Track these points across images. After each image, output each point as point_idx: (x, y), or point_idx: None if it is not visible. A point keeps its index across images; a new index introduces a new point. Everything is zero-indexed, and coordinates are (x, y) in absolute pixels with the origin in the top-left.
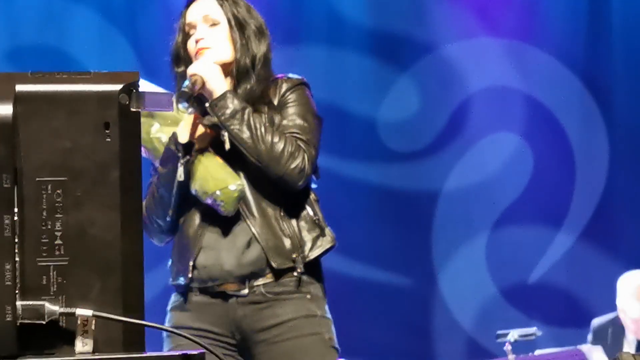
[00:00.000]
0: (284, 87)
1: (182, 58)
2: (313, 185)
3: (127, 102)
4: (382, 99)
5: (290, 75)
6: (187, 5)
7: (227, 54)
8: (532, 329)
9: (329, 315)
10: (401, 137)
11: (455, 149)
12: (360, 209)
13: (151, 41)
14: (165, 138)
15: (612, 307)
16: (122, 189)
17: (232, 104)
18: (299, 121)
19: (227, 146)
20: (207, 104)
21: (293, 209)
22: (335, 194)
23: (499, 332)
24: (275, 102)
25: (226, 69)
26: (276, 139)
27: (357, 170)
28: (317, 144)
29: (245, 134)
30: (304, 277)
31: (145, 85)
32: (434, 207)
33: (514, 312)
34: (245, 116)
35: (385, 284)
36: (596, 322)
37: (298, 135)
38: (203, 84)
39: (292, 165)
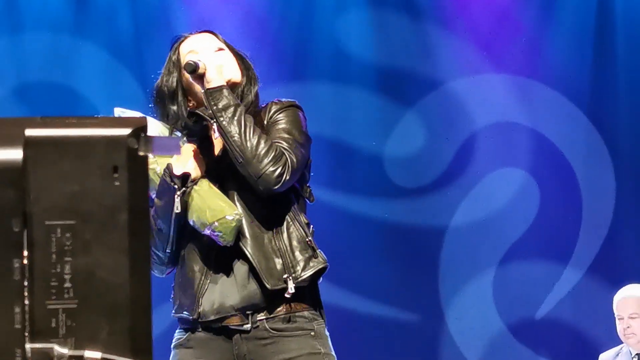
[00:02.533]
0: (274, 108)
1: (178, 95)
2: (301, 197)
3: (136, 146)
4: (388, 135)
5: (282, 99)
6: (180, 41)
7: (238, 74)
8: None
9: (332, 352)
10: (407, 173)
11: (461, 185)
12: (366, 244)
13: (157, 77)
14: (160, 169)
15: (619, 341)
16: (131, 232)
17: (227, 98)
18: (285, 135)
19: (215, 136)
20: (202, 91)
21: (285, 231)
22: (341, 229)
23: None
24: (265, 123)
25: (233, 87)
26: (262, 141)
27: (363, 205)
28: (301, 158)
29: (234, 129)
30: (307, 313)
31: (151, 122)
32: (441, 242)
33: (522, 348)
34: (237, 112)
35: (392, 320)
36: (603, 357)
37: (283, 145)
38: (204, 71)
39: (272, 169)
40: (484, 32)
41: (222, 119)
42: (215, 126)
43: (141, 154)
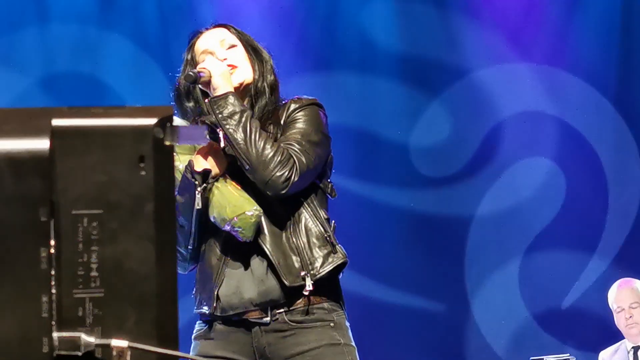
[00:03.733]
0: (292, 106)
1: (193, 92)
2: (323, 193)
3: (162, 136)
4: (414, 125)
5: (303, 96)
6: (196, 37)
7: (250, 74)
8: (566, 355)
9: (352, 342)
10: (433, 163)
11: (487, 174)
12: (392, 234)
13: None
14: (182, 166)
15: None
16: (157, 222)
17: (232, 105)
18: (298, 135)
19: (222, 144)
20: (206, 100)
21: (303, 227)
22: (368, 219)
23: (533, 358)
24: (282, 121)
25: (246, 88)
26: (268, 146)
27: (389, 195)
28: (313, 158)
29: (239, 136)
30: (326, 305)
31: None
32: (467, 232)
33: (548, 337)
34: (243, 119)
35: (418, 309)
36: (603, 354)
37: (292, 147)
38: (210, 78)
39: (278, 173)
40: (510, 21)
41: (227, 126)
42: (221, 134)
43: (167, 143)
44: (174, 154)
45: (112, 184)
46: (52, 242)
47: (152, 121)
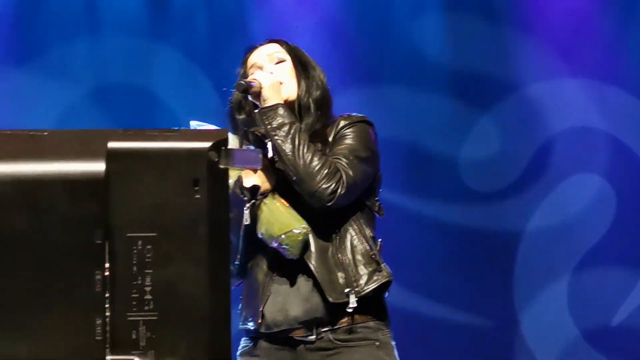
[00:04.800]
0: (342, 123)
1: (244, 105)
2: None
3: (216, 159)
4: (464, 139)
5: (352, 113)
6: (249, 52)
7: (294, 90)
8: None
9: None
10: (482, 177)
11: (537, 190)
12: (441, 249)
13: (234, 81)
14: (231, 182)
15: None
16: (210, 244)
17: (281, 117)
18: (346, 150)
19: (270, 154)
20: (256, 111)
21: (349, 244)
22: (416, 233)
23: None
24: (331, 139)
25: (290, 105)
26: (316, 158)
27: (438, 210)
28: (360, 173)
29: (287, 147)
30: (372, 323)
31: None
32: (516, 248)
33: (597, 355)
34: (292, 130)
35: (466, 325)
36: None
37: (340, 161)
38: (260, 89)
39: (325, 186)
40: (562, 36)
41: (276, 137)
42: (269, 145)
43: (221, 166)
44: None
45: (166, 206)
46: (107, 265)
47: (206, 144)
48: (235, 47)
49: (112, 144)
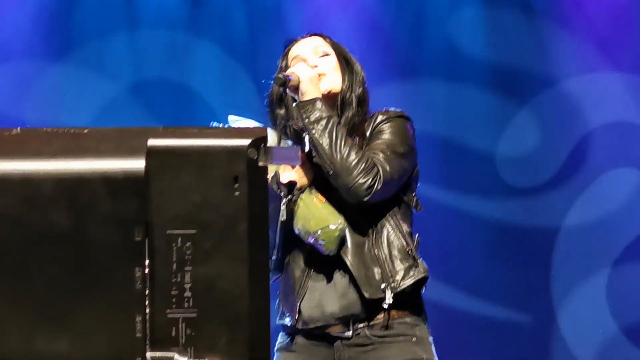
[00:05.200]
0: (379, 118)
1: (284, 99)
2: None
3: (256, 157)
4: (501, 134)
5: (390, 108)
6: (290, 45)
7: (339, 82)
8: None
9: (435, 358)
10: (520, 172)
11: (575, 185)
12: (478, 244)
13: (272, 75)
14: (268, 176)
15: None
16: (250, 242)
17: (319, 110)
18: (383, 145)
19: (307, 148)
20: (294, 104)
21: (385, 240)
22: (453, 228)
23: None
24: (368, 133)
25: (333, 97)
26: (353, 152)
27: (476, 205)
28: (397, 168)
29: (325, 141)
30: (409, 319)
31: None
32: (554, 243)
33: (636, 351)
34: (329, 124)
35: (504, 320)
36: None
37: (377, 155)
38: (298, 83)
39: (361, 180)
40: (600, 30)
41: (313, 131)
42: (307, 138)
43: (261, 164)
44: None
45: (206, 204)
46: (146, 262)
47: (246, 142)
48: (273, 41)
49: (152, 142)
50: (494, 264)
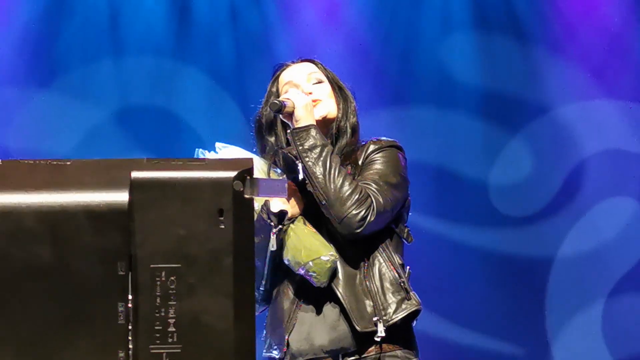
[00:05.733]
0: (371, 148)
1: (276, 126)
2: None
3: (241, 189)
4: (494, 162)
5: (382, 138)
6: (281, 69)
7: (334, 109)
8: None
9: None
10: (513, 201)
11: (569, 214)
12: (470, 274)
13: (260, 102)
14: (257, 205)
15: None
16: (235, 276)
17: (314, 138)
18: (376, 176)
19: (300, 177)
20: (288, 131)
21: (377, 271)
22: (445, 258)
23: None
24: (360, 162)
25: (327, 124)
26: (347, 183)
27: (468, 234)
28: (390, 200)
29: (319, 170)
30: (399, 352)
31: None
32: (548, 273)
33: None
34: (324, 153)
35: (496, 353)
36: None
37: (370, 186)
38: (293, 109)
39: (355, 212)
40: (594, 57)
41: (307, 159)
42: (300, 166)
43: (247, 196)
44: None
45: (190, 237)
46: (130, 296)
47: (231, 174)
48: (261, 67)
49: (135, 174)
50: (487, 295)
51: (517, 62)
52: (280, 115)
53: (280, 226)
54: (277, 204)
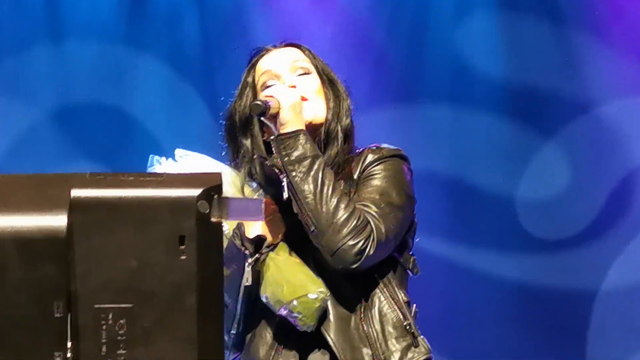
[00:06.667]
0: (370, 158)
1: (253, 126)
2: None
3: (207, 211)
4: (522, 172)
5: (383, 145)
6: (257, 57)
7: (322, 111)
8: None
9: None
10: (546, 221)
11: (615, 237)
12: (494, 309)
13: (231, 98)
14: (228, 229)
15: None
16: (200, 317)
17: (303, 147)
18: (376, 195)
19: (285, 195)
20: (272, 138)
21: (377, 313)
22: (463, 290)
23: None
24: (356, 176)
25: (315, 129)
26: (342, 205)
27: (491, 261)
28: (394, 226)
29: (308, 187)
30: None
31: (221, 170)
32: (589, 309)
33: None
34: (315, 166)
35: None
36: None
37: (369, 210)
38: (278, 110)
39: (352, 242)
40: None
41: (294, 173)
42: (284, 182)
43: (214, 220)
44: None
45: (145, 270)
46: (69, 344)
47: (195, 192)
48: (234, 55)
49: (76, 192)
50: (514, 332)
51: (551, 49)
52: (263, 118)
53: (256, 255)
54: (254, 227)
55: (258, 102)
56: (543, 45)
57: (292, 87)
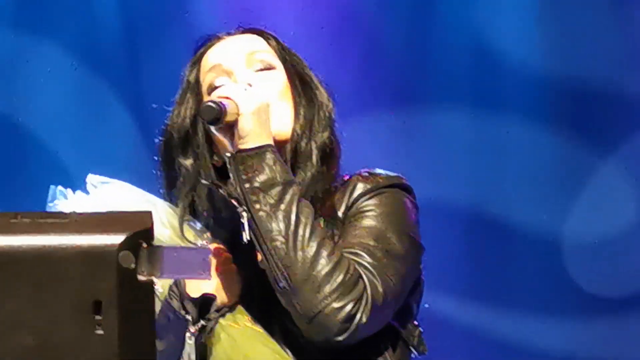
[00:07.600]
0: (360, 188)
1: (196, 141)
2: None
3: (133, 266)
4: (571, 203)
5: (377, 170)
6: (205, 46)
7: (288, 122)
8: None
9: None
10: (604, 272)
11: None
12: None
13: (169, 105)
14: (159, 288)
15: None
16: None
17: (271, 169)
18: (370, 240)
19: (246, 236)
20: (227, 155)
21: None
22: None
23: None
24: (341, 213)
25: (279, 147)
26: (325, 252)
27: (529, 329)
28: (394, 283)
29: (277, 226)
30: None
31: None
32: None
33: None
34: (287, 196)
35: None
36: None
37: (361, 259)
38: (236, 116)
39: (337, 305)
40: None
41: (257, 205)
42: (245, 217)
43: (142, 278)
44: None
45: (46, 349)
46: None
47: (116, 239)
48: (170, 45)
49: None
50: None
51: (606, 35)
52: (214, 128)
53: (201, 322)
54: (198, 284)
55: (210, 104)
56: (598, 29)
57: (248, 86)
